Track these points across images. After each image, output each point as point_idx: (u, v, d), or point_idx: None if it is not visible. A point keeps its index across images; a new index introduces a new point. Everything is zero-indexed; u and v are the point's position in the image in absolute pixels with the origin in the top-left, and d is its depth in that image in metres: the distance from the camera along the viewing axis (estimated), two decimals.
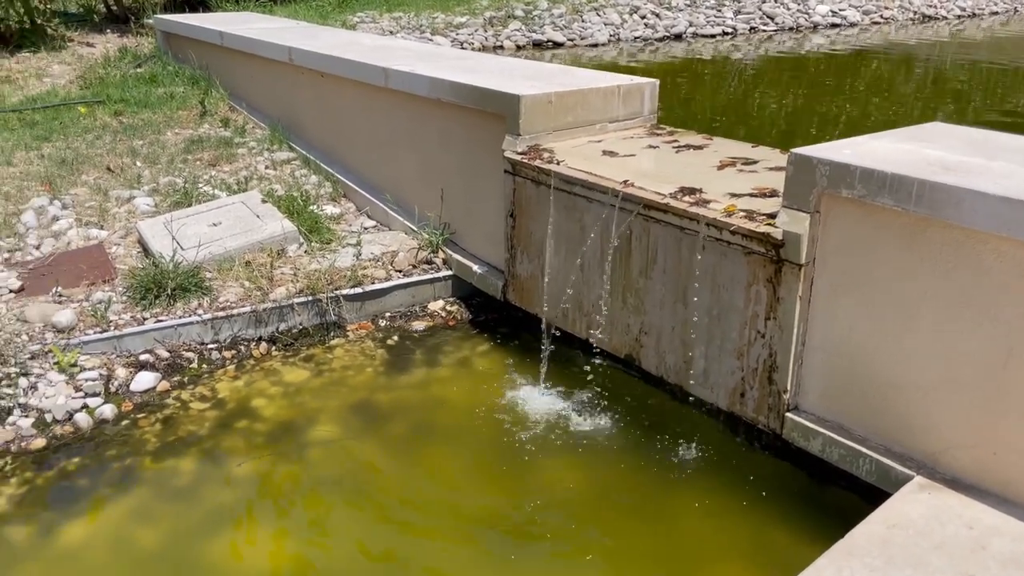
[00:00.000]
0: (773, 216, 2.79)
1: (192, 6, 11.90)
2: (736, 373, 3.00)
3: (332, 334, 4.10)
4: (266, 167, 5.88)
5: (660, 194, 3.13)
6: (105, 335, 3.73)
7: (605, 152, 3.72)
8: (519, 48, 12.37)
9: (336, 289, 4.14)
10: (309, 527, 2.87)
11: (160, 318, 3.88)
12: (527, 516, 2.91)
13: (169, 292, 3.97)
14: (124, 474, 3.12)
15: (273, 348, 3.98)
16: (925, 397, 2.51)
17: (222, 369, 3.81)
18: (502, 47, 12.25)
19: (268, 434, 3.37)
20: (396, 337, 4.12)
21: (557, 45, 12.69)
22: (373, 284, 4.24)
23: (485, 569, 2.71)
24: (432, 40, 11.78)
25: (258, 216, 4.66)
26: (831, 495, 2.93)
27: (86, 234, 4.74)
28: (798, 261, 2.68)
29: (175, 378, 3.70)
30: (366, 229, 4.93)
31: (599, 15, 13.67)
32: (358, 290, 4.18)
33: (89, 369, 3.57)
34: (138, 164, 5.88)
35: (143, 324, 3.83)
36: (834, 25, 15.47)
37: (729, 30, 14.29)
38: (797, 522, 2.81)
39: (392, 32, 11.84)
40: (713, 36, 14.04)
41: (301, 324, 4.07)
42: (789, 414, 2.86)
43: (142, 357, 3.73)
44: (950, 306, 2.39)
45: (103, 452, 3.24)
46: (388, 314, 4.28)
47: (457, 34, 12.26)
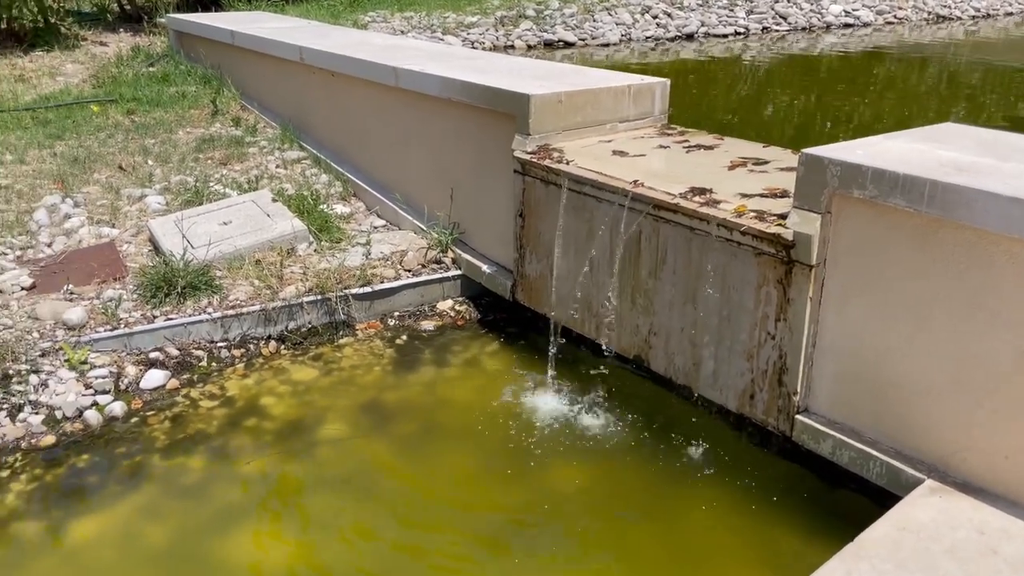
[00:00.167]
0: (784, 217, 2.77)
1: (205, 5, 11.95)
2: (746, 375, 2.99)
3: (341, 333, 4.11)
4: (277, 166, 5.90)
5: (670, 194, 3.12)
6: (115, 333, 3.74)
7: (615, 152, 3.71)
8: (530, 48, 12.36)
9: (345, 288, 4.14)
10: (317, 526, 2.87)
11: (170, 316, 3.89)
12: (535, 516, 2.90)
13: (179, 290, 3.99)
14: (133, 471, 3.13)
15: (282, 347, 3.99)
16: (936, 400, 2.49)
17: (231, 367, 3.82)
18: (513, 47, 12.24)
19: (277, 432, 3.38)
20: (405, 336, 4.12)
21: (568, 45, 12.68)
22: (382, 283, 4.24)
23: (492, 569, 2.70)
24: (443, 40, 11.78)
25: (268, 215, 4.67)
26: (841, 498, 2.91)
27: (97, 232, 4.77)
28: (809, 262, 2.67)
29: (184, 376, 3.71)
30: (376, 228, 4.93)
31: (611, 15, 13.64)
32: (367, 289, 4.18)
33: (99, 367, 3.59)
34: (150, 163, 5.90)
35: (153, 322, 3.84)
36: (847, 25, 15.38)
37: (741, 30, 14.23)
38: (807, 525, 2.80)
39: (403, 32, 11.86)
40: (725, 36, 13.99)
41: (310, 323, 4.08)
42: (799, 416, 2.84)
43: (152, 355, 3.75)
44: (962, 308, 2.37)
45: (112, 449, 3.25)
46: (397, 313, 4.28)
47: (468, 34, 12.27)
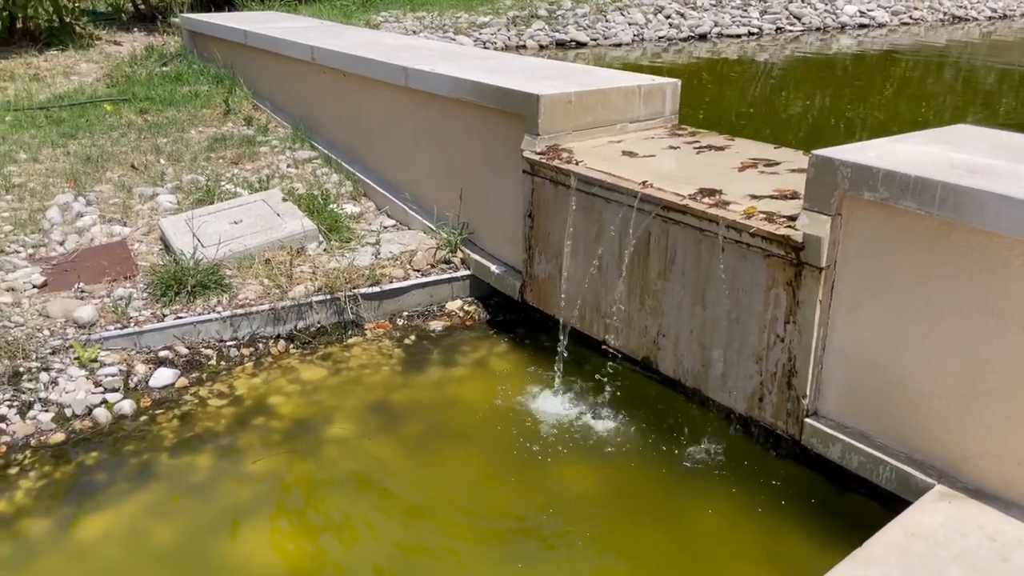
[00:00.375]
0: (794, 219, 2.75)
1: (218, 5, 12.00)
2: (755, 377, 2.97)
3: (350, 333, 4.11)
4: (288, 166, 5.91)
5: (679, 195, 3.10)
6: (125, 331, 3.76)
7: (625, 152, 3.69)
8: (542, 48, 12.34)
9: (354, 288, 4.14)
10: (324, 525, 2.87)
11: (180, 315, 3.90)
12: (541, 517, 2.89)
13: (189, 289, 4.00)
14: (141, 469, 3.14)
15: (291, 346, 4.00)
16: (947, 404, 2.46)
17: (240, 366, 3.82)
18: (525, 47, 12.23)
19: (285, 432, 3.38)
20: (413, 336, 4.12)
21: (580, 45, 12.65)
22: (391, 283, 4.24)
23: (498, 569, 2.69)
24: (455, 40, 11.79)
25: (278, 214, 4.68)
26: (850, 502, 2.88)
27: (109, 231, 4.79)
28: (818, 264, 2.65)
29: (193, 375, 3.73)
30: (385, 228, 4.94)
31: (623, 15, 13.61)
32: (376, 289, 4.18)
33: (109, 365, 3.60)
34: (162, 162, 5.93)
35: (163, 321, 3.85)
36: (862, 26, 15.28)
37: (755, 30, 14.16)
38: (815, 529, 2.77)
39: (415, 32, 11.87)
40: (738, 36, 13.93)
41: (319, 322, 4.08)
42: (808, 420, 2.82)
43: (161, 353, 3.76)
44: (973, 312, 2.34)
45: (121, 447, 3.26)
46: (406, 313, 4.28)
47: (480, 34, 12.26)
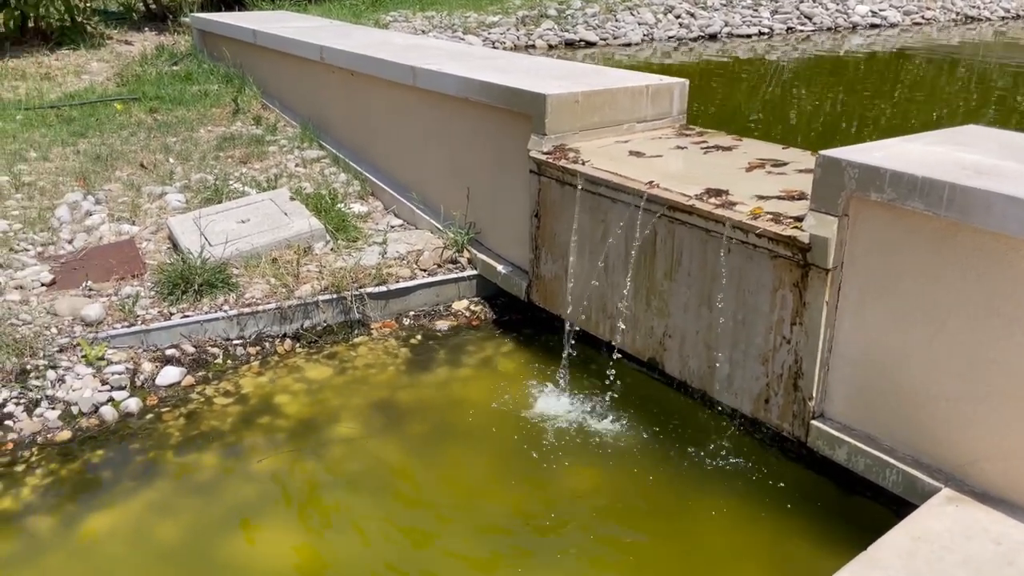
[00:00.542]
0: (801, 219, 2.73)
1: (228, 5, 12.03)
2: (761, 379, 2.95)
3: (356, 332, 4.11)
4: (296, 165, 5.92)
5: (686, 195, 3.09)
6: (132, 329, 3.77)
7: (632, 152, 3.68)
8: (551, 47, 12.33)
9: (361, 287, 4.14)
10: (328, 524, 2.87)
11: (187, 313, 3.91)
12: (546, 518, 2.88)
13: (196, 288, 4.01)
14: (147, 467, 3.15)
15: (297, 345, 4.00)
16: (954, 407, 2.44)
17: (246, 365, 3.83)
18: (534, 46, 12.22)
19: (290, 431, 3.38)
20: (420, 336, 4.12)
21: (590, 44, 12.63)
22: (398, 283, 4.24)
23: (503, 569, 2.69)
24: (464, 39, 11.78)
25: (286, 213, 4.69)
26: (856, 505, 2.86)
27: (118, 229, 4.81)
28: (825, 265, 2.63)
29: (200, 373, 3.73)
30: (393, 228, 4.94)
31: (633, 14, 13.57)
32: (383, 288, 4.18)
33: (116, 363, 3.62)
34: (171, 161, 5.95)
35: (170, 319, 3.87)
36: (874, 26, 15.19)
37: (765, 30, 14.11)
38: (820, 532, 2.76)
39: (424, 31, 11.87)
40: (749, 36, 13.87)
41: (325, 321, 4.09)
42: (814, 422, 2.81)
43: (168, 352, 3.77)
44: (980, 313, 2.32)
45: (127, 445, 3.27)
46: (412, 313, 4.28)
47: (489, 33, 12.26)
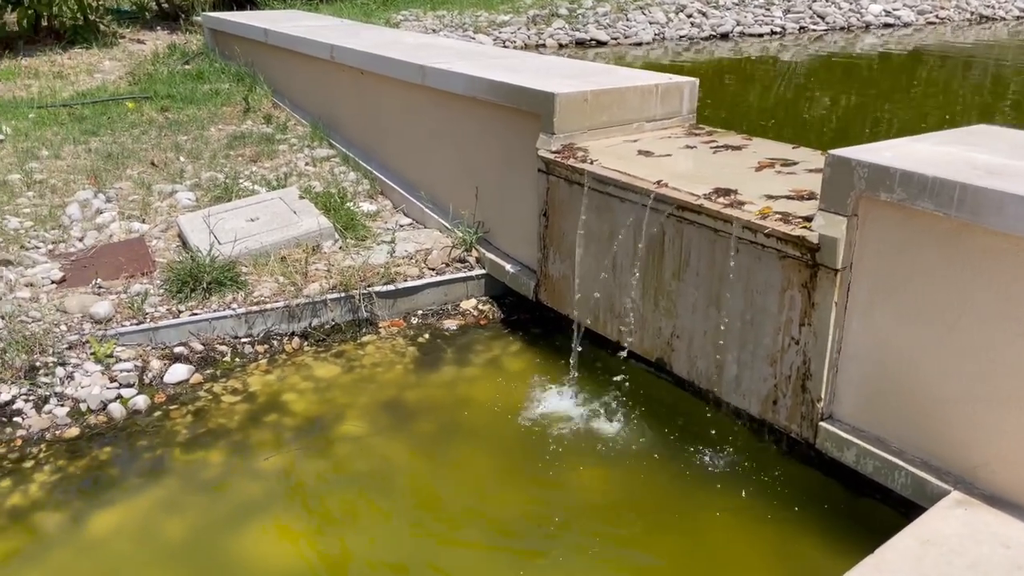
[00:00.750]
0: (810, 219, 2.71)
1: (240, 4, 12.06)
2: (769, 380, 2.93)
3: (364, 331, 4.11)
4: (306, 164, 5.93)
5: (694, 195, 3.07)
6: (141, 327, 3.78)
7: (640, 152, 3.66)
8: (562, 47, 12.31)
9: (369, 286, 4.14)
10: (334, 522, 2.87)
11: (195, 311, 3.92)
12: (553, 517, 2.87)
13: (205, 286, 4.02)
14: (154, 465, 3.16)
15: (305, 343, 4.01)
16: (964, 410, 2.41)
17: (254, 363, 3.84)
18: (544, 46, 12.20)
19: (297, 429, 3.39)
20: (427, 335, 4.12)
21: (600, 44, 12.60)
22: (406, 282, 4.24)
23: (508, 570, 2.68)
24: (474, 38, 11.78)
25: (295, 212, 4.70)
26: (864, 507, 2.84)
27: (128, 227, 4.83)
28: (834, 266, 2.61)
29: (208, 371, 3.74)
30: (401, 227, 4.94)
31: (644, 13, 13.54)
32: (391, 287, 4.18)
33: (124, 360, 3.63)
34: (181, 159, 5.97)
35: (178, 317, 3.88)
36: (887, 25, 15.11)
37: (778, 29, 14.05)
38: (827, 534, 2.74)
39: (435, 30, 11.88)
40: (761, 35, 13.82)
41: (333, 320, 4.09)
42: (822, 423, 2.79)
43: (176, 349, 3.78)
44: (991, 315, 2.30)
45: (134, 442, 3.28)
46: (420, 312, 4.27)
47: (500, 32, 12.25)
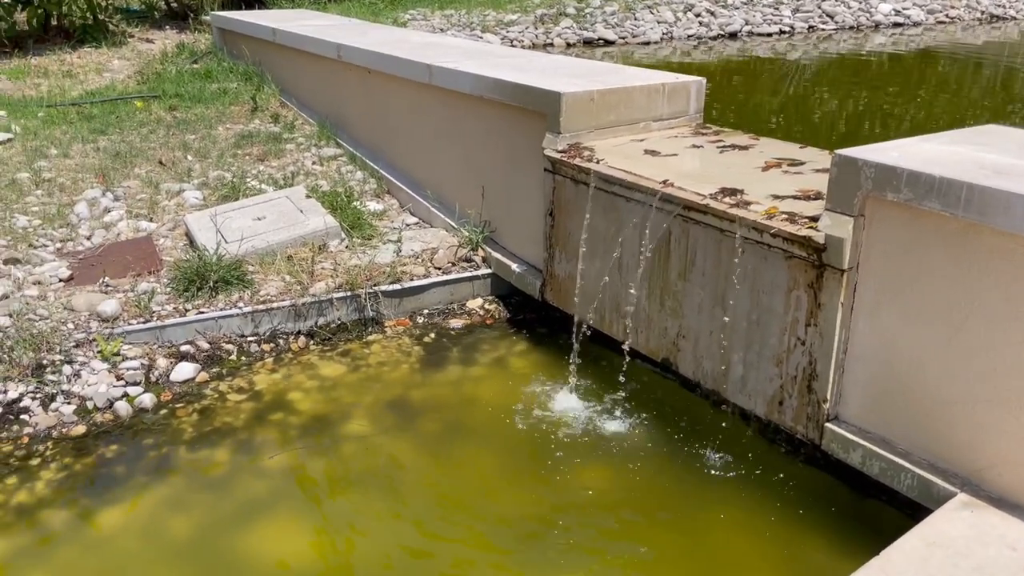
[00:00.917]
0: (816, 219, 2.70)
1: (248, 3, 12.09)
2: (775, 380, 2.92)
3: (370, 330, 4.11)
4: (313, 163, 5.94)
5: (700, 195, 3.06)
6: (148, 325, 3.79)
7: (647, 151, 3.66)
8: (569, 46, 12.29)
9: (375, 285, 4.15)
10: (339, 521, 2.87)
11: (202, 310, 3.93)
12: (557, 517, 2.87)
13: (211, 285, 4.03)
14: (160, 463, 3.16)
15: (311, 342, 4.01)
16: (971, 411, 2.40)
17: (260, 362, 3.85)
18: (552, 45, 12.19)
19: (302, 427, 3.39)
20: (433, 334, 4.12)
21: (608, 43, 12.58)
22: (412, 281, 4.24)
23: (512, 569, 2.68)
24: (482, 38, 11.77)
25: (301, 211, 4.70)
26: (870, 509, 2.83)
27: (136, 226, 4.84)
28: (840, 266, 2.60)
29: (214, 369, 3.75)
30: (408, 226, 4.94)
31: (652, 12, 13.51)
32: (397, 286, 4.18)
33: (131, 358, 3.64)
34: (189, 158, 5.99)
35: (185, 315, 3.89)
36: (897, 24, 15.03)
37: (786, 29, 13.99)
38: (833, 535, 2.72)
39: (443, 29, 11.88)
40: (769, 35, 13.76)
41: (339, 319, 4.09)
42: (828, 424, 2.77)
43: (183, 348, 3.79)
44: (999, 316, 2.29)
45: (140, 440, 3.29)
46: (426, 311, 4.27)
47: (507, 32, 12.24)
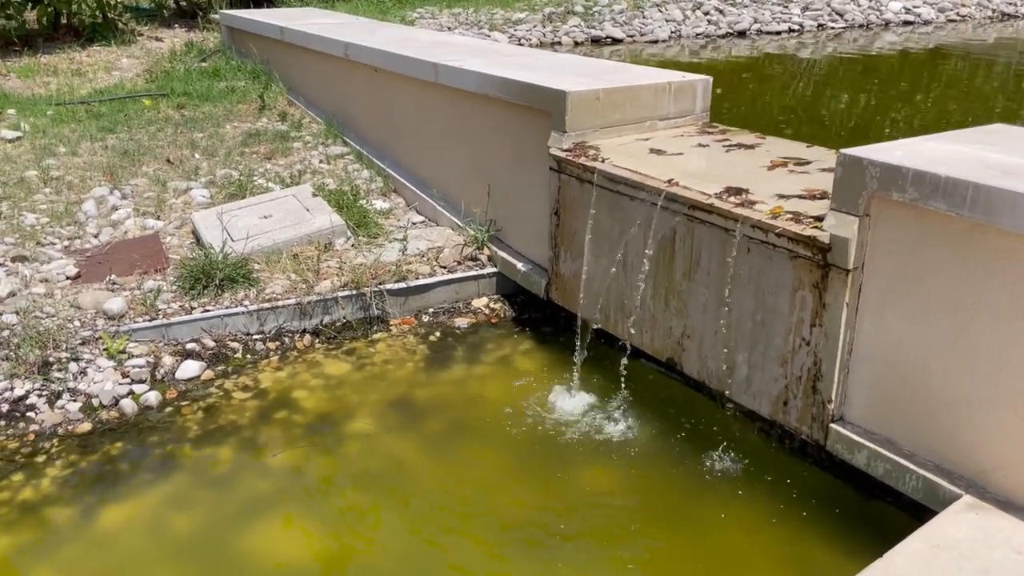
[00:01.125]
0: (821, 219, 2.69)
1: (257, 1, 12.11)
2: (779, 381, 2.91)
3: (375, 328, 4.12)
4: (320, 161, 5.95)
5: (705, 194, 3.05)
6: (154, 323, 3.80)
7: (652, 150, 3.64)
8: (577, 44, 12.28)
9: (380, 284, 4.15)
10: (342, 520, 2.88)
11: (207, 308, 3.94)
12: (559, 519, 2.86)
13: (217, 283, 4.04)
14: (164, 460, 3.17)
15: (316, 340, 4.02)
16: (977, 412, 2.38)
17: (265, 360, 3.85)
18: (560, 43, 12.18)
19: (307, 426, 3.40)
20: (438, 333, 4.12)
21: (616, 41, 12.56)
22: (417, 279, 4.24)
23: (515, 569, 2.68)
24: (490, 36, 11.77)
25: (308, 209, 4.71)
26: (875, 510, 2.81)
27: (143, 224, 4.86)
28: (845, 266, 2.58)
29: (219, 367, 3.76)
30: (414, 224, 4.94)
31: (660, 11, 13.48)
32: (402, 285, 4.18)
33: (137, 356, 3.65)
34: (196, 156, 6.00)
35: (191, 313, 3.90)
36: (907, 23, 14.96)
37: (796, 27, 13.94)
38: (837, 537, 2.71)
39: (450, 28, 11.88)
40: (778, 33, 13.72)
41: (345, 318, 4.10)
42: (833, 425, 2.76)
43: (188, 346, 3.80)
44: (1005, 317, 2.27)
45: (145, 438, 3.30)
46: (431, 310, 4.27)
47: (515, 30, 12.23)
